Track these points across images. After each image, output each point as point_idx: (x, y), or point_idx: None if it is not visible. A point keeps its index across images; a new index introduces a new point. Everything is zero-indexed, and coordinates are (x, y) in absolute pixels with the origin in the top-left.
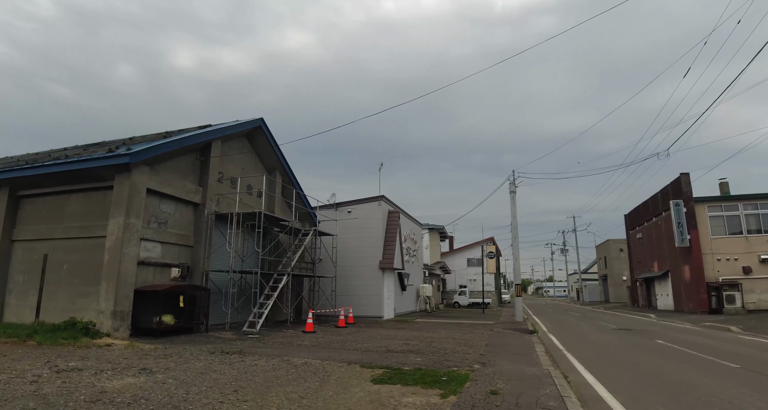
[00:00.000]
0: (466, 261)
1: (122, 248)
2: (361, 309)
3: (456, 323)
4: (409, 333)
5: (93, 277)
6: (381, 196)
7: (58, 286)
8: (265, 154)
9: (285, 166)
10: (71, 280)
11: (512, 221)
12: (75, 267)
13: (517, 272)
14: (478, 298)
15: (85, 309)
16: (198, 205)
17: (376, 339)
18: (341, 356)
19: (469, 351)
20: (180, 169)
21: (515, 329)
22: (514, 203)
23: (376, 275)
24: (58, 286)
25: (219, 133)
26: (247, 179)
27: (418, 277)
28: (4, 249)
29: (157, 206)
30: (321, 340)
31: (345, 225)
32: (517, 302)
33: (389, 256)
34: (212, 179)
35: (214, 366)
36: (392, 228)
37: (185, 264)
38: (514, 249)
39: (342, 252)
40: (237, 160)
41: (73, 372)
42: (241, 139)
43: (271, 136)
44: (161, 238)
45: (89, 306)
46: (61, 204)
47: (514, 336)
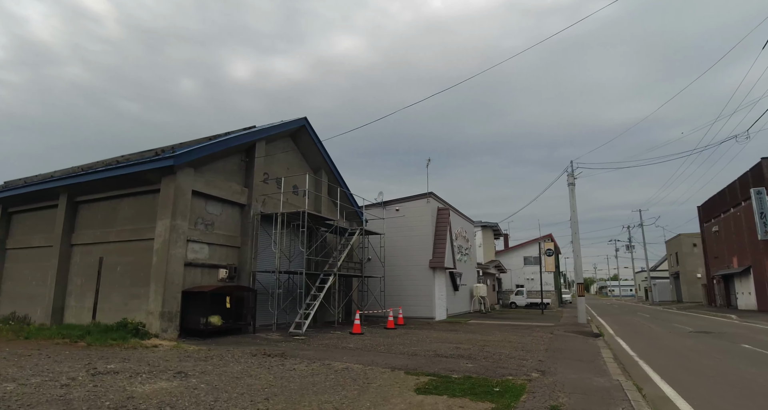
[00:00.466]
0: (522, 259)
1: (169, 249)
2: (411, 309)
3: (512, 325)
4: (461, 335)
5: (143, 279)
6: (429, 192)
7: (112, 288)
8: (310, 153)
9: (330, 165)
10: (124, 282)
11: (571, 215)
12: (127, 270)
13: (579, 269)
14: (536, 298)
15: (137, 311)
16: (244, 206)
17: (424, 342)
18: (386, 361)
19: (527, 356)
20: (225, 170)
21: (578, 332)
22: (573, 196)
23: (427, 274)
24: (113, 288)
25: (262, 134)
26: (293, 179)
27: (471, 277)
28: (65, 253)
29: (203, 208)
30: (367, 343)
31: (393, 224)
32: (579, 302)
33: (439, 255)
34: (257, 180)
35: (252, 370)
36: (442, 225)
37: (233, 266)
38: (575, 245)
39: (391, 251)
40: (282, 161)
41: (108, 375)
42: (285, 140)
43: (315, 135)
44: (208, 239)
45: (140, 307)
46: (113, 208)
47: (577, 340)
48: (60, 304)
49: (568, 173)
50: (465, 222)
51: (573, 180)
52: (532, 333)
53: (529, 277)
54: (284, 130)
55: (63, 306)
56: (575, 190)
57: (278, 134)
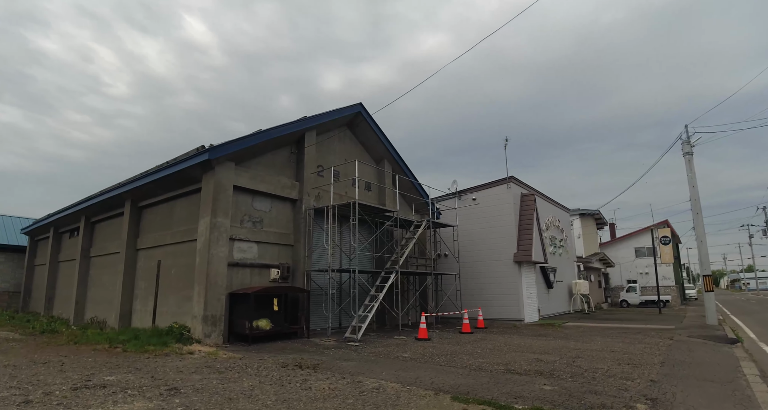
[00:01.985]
0: (633, 251)
1: (210, 249)
2: (495, 310)
3: (620, 328)
4: (551, 342)
5: (192, 281)
6: (509, 176)
7: (169, 291)
8: (370, 143)
9: (394, 154)
10: (178, 285)
11: (691, 192)
12: (181, 272)
13: (705, 258)
14: (652, 295)
15: (187, 314)
16: (295, 201)
17: (499, 352)
18: (436, 378)
19: (633, 374)
20: (274, 164)
21: (706, 336)
22: (692, 168)
23: (512, 270)
24: (169, 291)
25: (311, 123)
26: (351, 171)
27: (569, 272)
28: (130, 257)
29: (249, 204)
30: (429, 351)
31: (470, 215)
32: (707, 299)
33: (526, 247)
34: (308, 172)
35: (264, 386)
36: (527, 213)
37: (285, 265)
38: (697, 229)
39: (469, 245)
40: (339, 152)
41: (90, 391)
42: (341, 130)
43: (374, 122)
44: (257, 238)
45: (190, 311)
46: (170, 210)
47: (705, 349)
48: (128, 308)
49: (683, 141)
50: (558, 211)
51: (690, 148)
52: (645, 339)
53: (642, 271)
54: (336, 117)
55: (131, 310)
56: (693, 161)
57: (331, 123)
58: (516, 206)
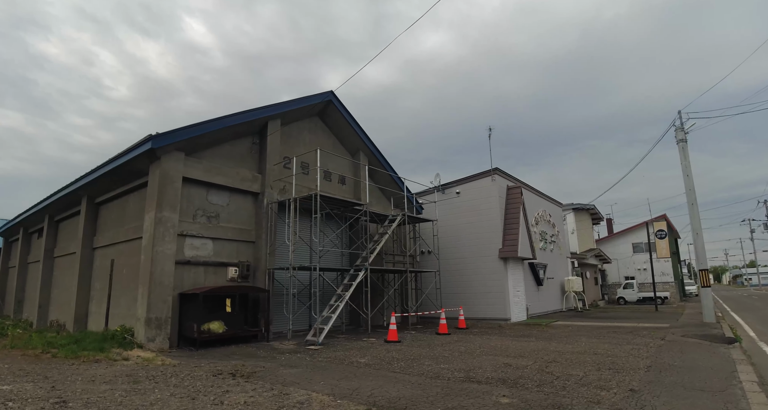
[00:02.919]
0: (630, 247)
1: (154, 246)
2: (480, 309)
3: (611, 327)
4: (530, 344)
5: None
6: (494, 168)
7: (121, 292)
8: (343, 134)
9: (370, 146)
10: (129, 285)
11: (685, 181)
12: (132, 271)
13: (701, 252)
14: (650, 292)
15: (134, 317)
16: (257, 194)
17: (469, 356)
18: (377, 389)
19: (611, 382)
20: (233, 155)
21: (702, 336)
22: (686, 156)
23: (497, 267)
24: (121, 292)
25: (273, 111)
26: (323, 163)
27: (561, 268)
28: (86, 256)
29: (204, 198)
30: (391, 355)
31: (454, 210)
32: (704, 295)
33: (512, 242)
34: (271, 164)
35: (172, 400)
36: (513, 207)
37: (245, 263)
38: (693, 220)
39: (453, 241)
40: (309, 143)
41: None
42: (312, 119)
43: (347, 112)
44: (212, 234)
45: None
46: (123, 206)
47: (698, 350)
48: (83, 311)
49: (676, 127)
50: (549, 204)
51: (683, 135)
52: (634, 339)
53: (640, 267)
54: (303, 106)
55: (87, 313)
56: (688, 149)
57: (299, 112)
58: (502, 199)
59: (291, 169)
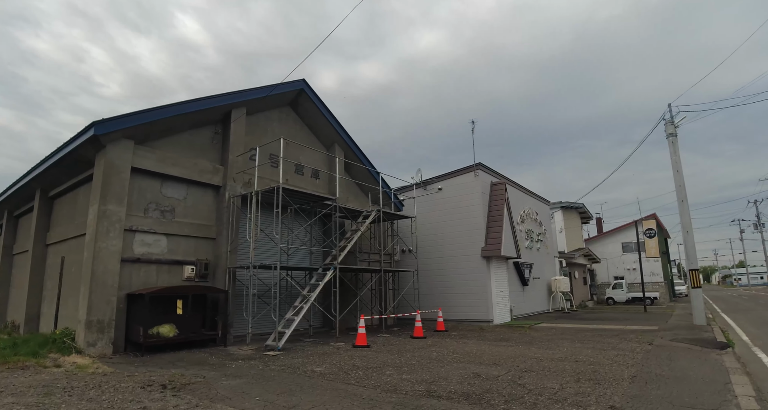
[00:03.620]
0: (620, 246)
1: (96, 242)
2: (462, 311)
3: (597, 330)
4: (509, 349)
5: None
6: (477, 163)
7: (69, 292)
8: (318, 126)
9: (346, 138)
10: (77, 284)
11: (675, 177)
12: (80, 270)
13: (691, 252)
14: (639, 292)
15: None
16: (219, 187)
17: (439, 364)
18: (319, 406)
19: (589, 397)
20: (193, 145)
21: (692, 340)
22: (676, 151)
23: (479, 266)
24: (70, 292)
25: (237, 98)
26: (295, 155)
27: (548, 268)
28: (39, 254)
29: (157, 190)
30: (353, 363)
31: (436, 206)
32: (694, 296)
33: (495, 241)
34: (234, 155)
35: None
36: (497, 203)
37: (203, 261)
38: (683, 218)
39: (435, 239)
40: (280, 134)
41: None
42: (283, 110)
43: (321, 102)
44: (166, 230)
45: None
46: (74, 200)
47: (689, 357)
48: (35, 311)
49: (666, 121)
50: (536, 202)
51: (673, 129)
52: (620, 343)
53: (630, 267)
54: (271, 94)
55: (39, 314)
56: (678, 144)
57: (267, 102)
58: (485, 196)
59: (256, 161)
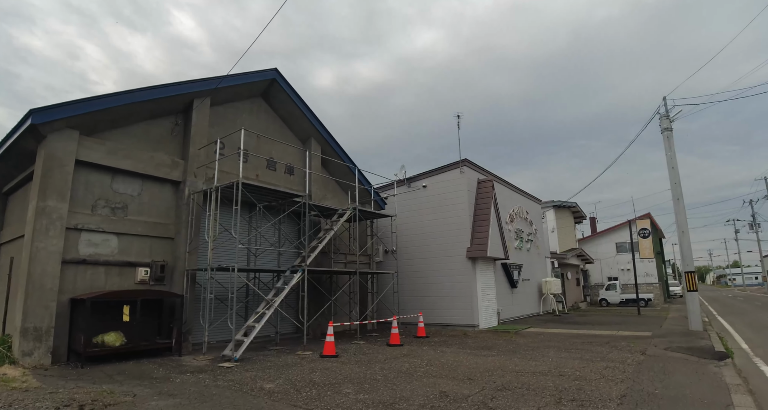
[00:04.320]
0: (614, 246)
1: (33, 241)
2: (447, 314)
3: (587, 336)
4: (488, 359)
5: None
6: (463, 159)
7: (16, 295)
8: (292, 119)
9: (323, 132)
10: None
11: (670, 174)
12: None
13: (687, 252)
14: (634, 293)
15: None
16: (179, 183)
17: (407, 379)
18: None
19: None
20: (150, 137)
21: (688, 349)
22: (671, 146)
23: (465, 268)
24: (16, 295)
25: (199, 87)
26: (267, 150)
27: (539, 269)
28: None
29: (107, 186)
30: (309, 378)
31: (420, 205)
32: (690, 300)
33: (481, 241)
34: (196, 148)
35: None
36: (484, 202)
37: (159, 263)
38: (678, 217)
39: (419, 239)
40: (250, 127)
41: None
42: (254, 101)
43: (295, 93)
44: (117, 228)
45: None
46: (25, 196)
47: (685, 370)
48: None
49: (661, 115)
50: (526, 201)
51: (668, 123)
52: (610, 353)
53: (624, 268)
54: (239, 84)
55: None
56: (673, 138)
57: (236, 91)
58: (471, 194)
59: (223, 155)
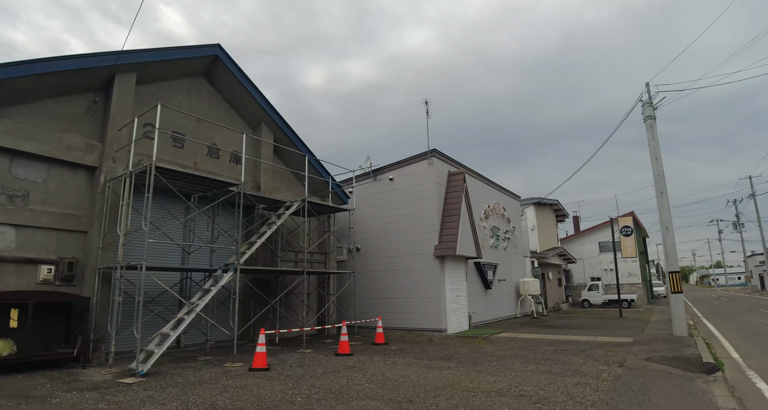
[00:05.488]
0: (597, 246)
1: None
2: (413, 318)
3: (562, 342)
4: (441, 374)
5: None
6: (432, 150)
7: None
8: (239, 102)
9: (275, 118)
10: None
11: (653, 166)
12: None
13: (671, 250)
14: (616, 294)
15: None
16: (95, 169)
17: (334, 403)
18: None
19: None
20: (61, 116)
21: (672, 359)
22: (655, 135)
23: (433, 267)
24: None
25: (123, 60)
26: (207, 136)
27: (517, 269)
28: None
29: (4, 170)
30: (215, 401)
31: (386, 199)
32: (675, 303)
33: (449, 238)
34: (115, 130)
35: None
36: (454, 196)
37: (66, 260)
38: (662, 212)
39: (385, 236)
40: (189, 110)
41: None
42: (194, 80)
43: (242, 73)
44: (15, 219)
45: None
46: None
47: (668, 387)
48: None
49: (644, 102)
50: (503, 196)
51: (651, 111)
52: (584, 364)
53: (607, 268)
54: (173, 59)
55: None
56: (656, 128)
57: (170, 69)
58: (441, 187)
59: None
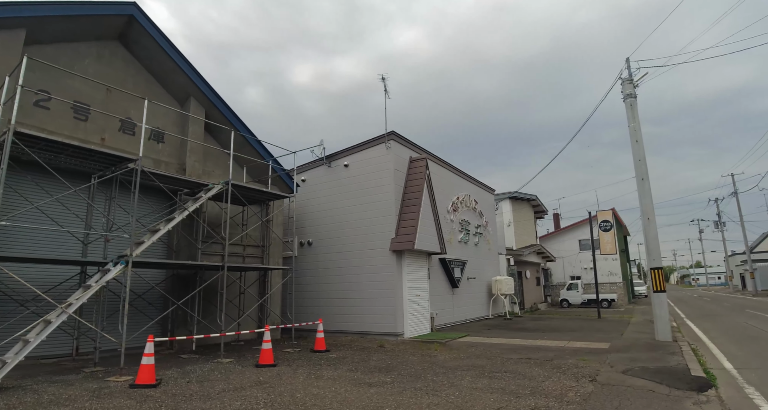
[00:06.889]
0: (577, 244)
1: None
2: (365, 321)
3: (530, 348)
4: (370, 392)
5: None
6: (389, 132)
7: None
8: (165, 73)
9: (206, 91)
10: None
11: (634, 149)
12: None
13: (653, 244)
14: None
15: None
16: None
17: None
18: None
19: None
20: None
21: (655, 371)
22: (635, 115)
23: (388, 263)
24: None
25: (5, 13)
26: (124, 110)
27: (490, 267)
28: None
29: None
30: None
31: (340, 188)
32: (658, 304)
33: (408, 230)
34: None
35: None
36: (415, 184)
37: None
38: (643, 200)
39: (338, 228)
40: (96, 76)
41: None
42: (107, 44)
43: (164, 38)
44: None
45: None
46: None
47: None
48: None
49: (623, 79)
50: (475, 189)
51: (632, 89)
52: (549, 378)
53: (587, 266)
54: (70, 14)
55: None
56: (637, 107)
57: (74, 28)
58: (400, 174)
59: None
